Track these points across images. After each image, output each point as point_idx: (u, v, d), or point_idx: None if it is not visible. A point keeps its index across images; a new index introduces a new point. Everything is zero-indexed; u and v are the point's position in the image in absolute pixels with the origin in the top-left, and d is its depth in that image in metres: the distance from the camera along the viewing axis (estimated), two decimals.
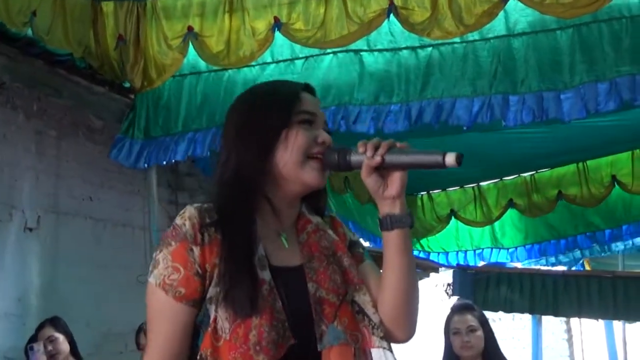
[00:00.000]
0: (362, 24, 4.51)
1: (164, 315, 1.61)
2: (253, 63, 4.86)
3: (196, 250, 1.61)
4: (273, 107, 1.71)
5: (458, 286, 7.07)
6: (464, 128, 4.34)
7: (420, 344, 9.71)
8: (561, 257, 8.67)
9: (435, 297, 9.06)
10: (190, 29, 5.01)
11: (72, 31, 4.49)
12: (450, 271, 7.28)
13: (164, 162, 4.93)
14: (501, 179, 8.06)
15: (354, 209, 7.35)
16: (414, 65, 4.49)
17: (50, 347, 4.34)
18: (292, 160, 1.68)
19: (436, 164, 1.67)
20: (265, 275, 1.63)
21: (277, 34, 4.68)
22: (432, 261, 7.57)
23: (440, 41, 4.42)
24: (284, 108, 1.71)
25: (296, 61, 4.78)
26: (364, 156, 1.68)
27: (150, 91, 5.12)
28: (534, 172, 7.85)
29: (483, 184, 8.16)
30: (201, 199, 5.45)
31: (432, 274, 7.06)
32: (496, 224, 8.25)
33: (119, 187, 5.49)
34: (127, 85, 5.16)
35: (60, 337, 4.43)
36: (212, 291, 1.60)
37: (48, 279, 4.89)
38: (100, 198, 5.35)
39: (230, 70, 4.94)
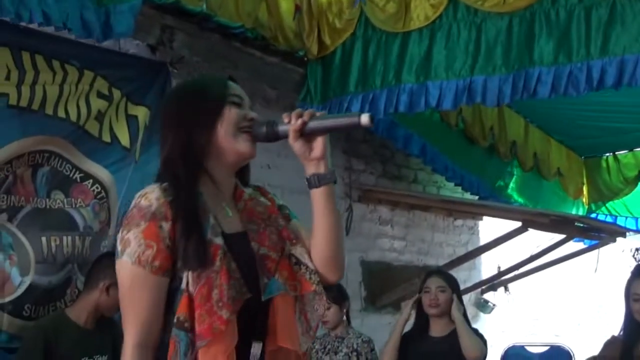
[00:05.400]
0: None
1: (143, 287, 1.80)
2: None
3: (166, 226, 1.81)
4: (211, 92, 1.97)
5: None
6: None
7: (607, 311, 9.38)
8: None
9: (622, 263, 8.66)
10: None
11: (242, 4, 4.62)
12: (639, 236, 6.91)
13: None
14: None
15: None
16: (595, 21, 4.28)
17: None
18: (227, 133, 1.92)
19: (353, 125, 1.91)
20: (219, 240, 1.84)
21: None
22: (619, 225, 7.22)
23: None
24: (220, 91, 1.97)
25: (471, 25, 4.68)
26: (289, 125, 1.92)
27: (321, 57, 5.23)
28: None
29: None
30: (376, 165, 5.47)
31: (618, 239, 6.71)
32: None
33: (294, 155, 5.60)
34: (300, 54, 5.27)
35: None
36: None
37: None
38: (278, 166, 5.47)
39: (403, 32, 4.91)
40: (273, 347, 1.90)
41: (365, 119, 1.86)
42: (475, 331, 4.39)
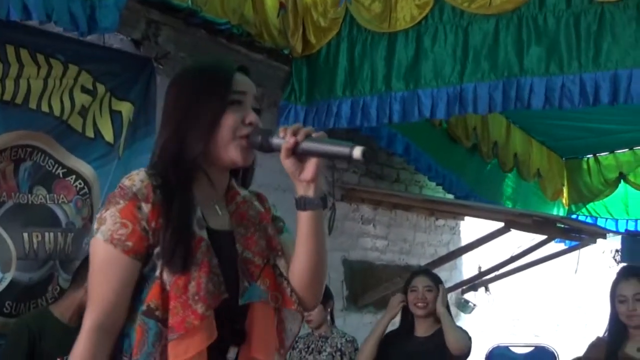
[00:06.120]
0: None
1: (113, 267, 1.73)
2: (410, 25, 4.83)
3: (146, 208, 1.74)
4: (212, 93, 1.86)
5: (627, 253, 6.74)
6: None
7: (587, 312, 9.44)
8: None
9: (603, 264, 8.72)
10: None
11: (227, 0, 4.61)
12: (619, 237, 6.94)
13: (331, 127, 4.98)
14: None
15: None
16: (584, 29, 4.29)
17: None
18: (223, 140, 1.84)
19: (345, 156, 1.79)
20: (203, 234, 1.78)
21: None
22: (600, 227, 7.25)
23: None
24: (222, 93, 1.85)
25: (457, 28, 4.68)
26: (282, 140, 1.81)
27: (307, 56, 5.22)
28: None
29: None
30: (359, 164, 5.36)
31: (599, 240, 6.74)
32: None
33: (279, 154, 5.58)
34: (285, 52, 5.25)
35: None
36: (158, 247, 1.74)
37: None
38: (262, 164, 5.43)
39: (389, 33, 4.91)
40: (246, 357, 1.82)
41: (357, 152, 1.76)
42: (459, 328, 4.39)
